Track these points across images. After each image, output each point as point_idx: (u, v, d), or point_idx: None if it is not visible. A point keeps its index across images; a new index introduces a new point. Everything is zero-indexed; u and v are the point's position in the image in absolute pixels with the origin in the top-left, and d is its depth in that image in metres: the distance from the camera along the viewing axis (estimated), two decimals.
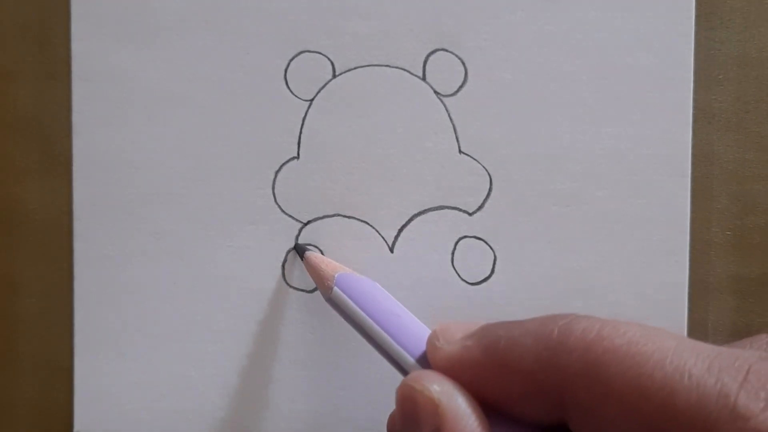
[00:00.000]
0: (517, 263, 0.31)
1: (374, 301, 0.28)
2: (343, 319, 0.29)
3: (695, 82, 0.31)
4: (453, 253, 0.32)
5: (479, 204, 0.32)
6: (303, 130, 0.32)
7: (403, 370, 0.27)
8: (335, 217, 0.32)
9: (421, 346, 0.26)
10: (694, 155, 0.31)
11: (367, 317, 0.28)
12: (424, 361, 0.26)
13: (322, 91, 0.32)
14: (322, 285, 0.29)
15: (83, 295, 0.32)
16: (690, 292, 0.31)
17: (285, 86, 0.32)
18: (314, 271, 0.30)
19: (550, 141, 0.31)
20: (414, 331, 0.27)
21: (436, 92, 0.32)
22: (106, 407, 0.32)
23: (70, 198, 0.32)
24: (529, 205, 0.31)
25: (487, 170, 0.31)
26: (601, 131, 0.31)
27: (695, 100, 0.31)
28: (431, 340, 0.25)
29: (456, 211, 0.32)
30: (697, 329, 0.32)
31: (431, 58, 0.31)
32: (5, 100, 0.33)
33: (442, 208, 0.32)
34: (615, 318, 0.31)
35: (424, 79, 0.32)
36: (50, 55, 0.33)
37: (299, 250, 0.32)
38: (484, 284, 0.32)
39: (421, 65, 0.32)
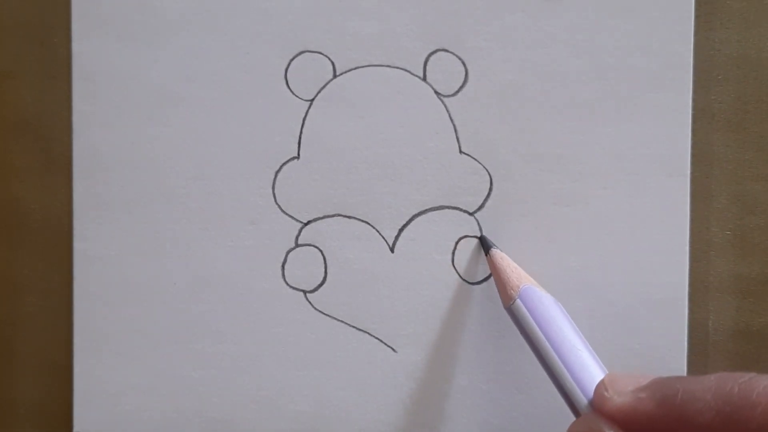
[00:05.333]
0: (518, 263, 0.31)
1: (557, 327, 0.28)
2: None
3: (695, 82, 0.31)
4: (453, 253, 0.32)
5: (480, 204, 0.32)
6: (303, 130, 0.32)
7: (572, 406, 0.27)
8: (336, 217, 0.32)
9: (592, 387, 0.27)
10: (693, 155, 0.31)
11: (547, 343, 0.28)
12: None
13: (322, 91, 0.32)
14: (503, 291, 0.30)
15: (83, 295, 0.32)
16: (690, 291, 0.31)
17: (285, 86, 0.32)
18: (498, 274, 0.30)
19: (550, 141, 0.31)
20: (590, 370, 0.27)
21: (436, 92, 0.32)
22: (106, 407, 0.32)
23: (70, 198, 0.32)
24: (529, 205, 0.31)
25: (487, 170, 0.32)
26: (601, 131, 0.31)
27: (695, 100, 0.31)
28: (599, 391, 0.26)
29: (456, 211, 0.32)
30: (698, 329, 0.32)
31: (432, 58, 0.31)
32: (5, 100, 0.33)
33: (442, 208, 0.32)
34: (615, 316, 0.31)
35: (424, 79, 0.32)
36: (50, 55, 0.33)
37: (484, 244, 0.31)
38: (484, 284, 0.32)
39: (422, 65, 0.32)
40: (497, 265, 0.30)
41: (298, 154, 0.32)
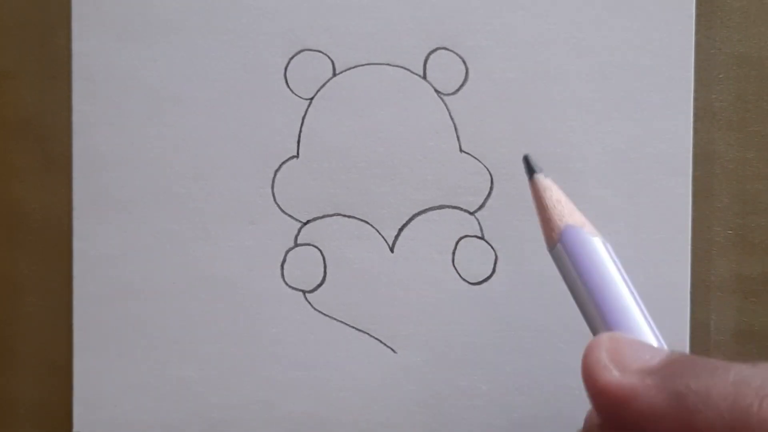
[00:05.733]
0: (518, 263, 0.31)
1: (602, 279, 0.23)
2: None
3: (696, 81, 0.31)
4: (453, 253, 0.32)
5: (480, 203, 0.32)
6: (303, 129, 0.32)
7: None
8: (335, 217, 0.32)
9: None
10: (694, 154, 0.31)
11: (590, 298, 0.23)
12: None
13: (322, 90, 0.32)
14: (546, 228, 0.25)
15: (83, 295, 0.32)
16: (692, 291, 0.31)
17: (285, 85, 0.32)
18: (541, 208, 0.25)
19: (550, 140, 0.31)
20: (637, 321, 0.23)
21: (436, 91, 0.32)
22: (106, 407, 0.32)
23: (70, 198, 0.32)
24: (530, 204, 0.31)
25: (488, 169, 0.31)
26: (602, 131, 0.31)
27: (696, 99, 0.31)
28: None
29: (457, 211, 0.32)
30: (700, 329, 0.31)
31: (432, 56, 0.31)
32: (5, 99, 0.33)
33: (442, 208, 0.32)
34: None
35: (424, 77, 0.32)
36: (51, 55, 0.33)
37: (529, 165, 0.26)
38: (484, 284, 0.32)
39: (422, 64, 0.31)
40: (540, 197, 0.25)
41: (298, 153, 0.32)
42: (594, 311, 0.23)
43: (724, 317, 0.32)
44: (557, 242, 0.24)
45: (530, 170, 0.26)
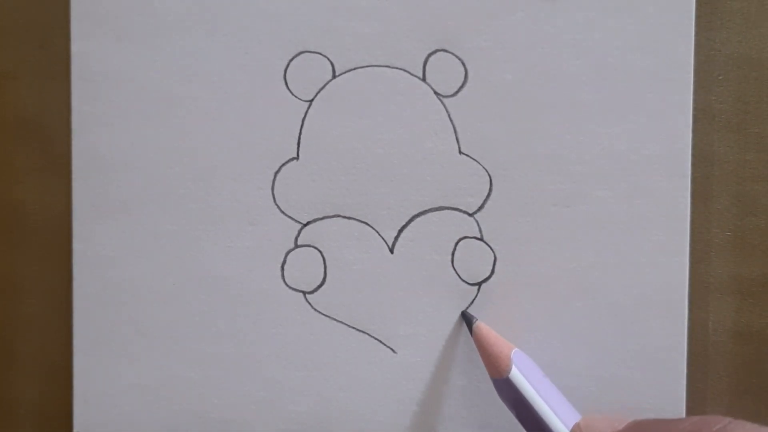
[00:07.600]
0: (517, 263, 0.31)
1: (540, 380, 0.29)
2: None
3: (695, 82, 0.31)
4: (453, 254, 0.32)
5: (479, 204, 0.32)
6: (303, 131, 0.32)
7: None
8: (335, 218, 0.32)
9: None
10: (694, 156, 0.31)
11: (541, 399, 0.29)
12: None
13: (321, 92, 0.32)
14: (496, 363, 0.30)
15: (83, 295, 0.32)
16: (690, 292, 0.31)
17: (285, 86, 0.32)
18: (487, 347, 0.30)
19: (550, 141, 0.31)
20: (567, 413, 0.29)
21: (436, 93, 0.32)
22: (106, 408, 0.32)
23: (70, 198, 0.32)
24: (529, 205, 0.31)
25: (487, 171, 0.31)
26: (601, 131, 0.31)
27: (695, 101, 0.31)
28: None
29: (456, 212, 0.32)
30: (698, 330, 0.32)
31: (431, 58, 0.31)
32: (5, 100, 0.33)
33: (442, 209, 0.32)
34: (615, 317, 0.31)
35: (424, 79, 0.32)
36: (50, 55, 0.33)
37: (467, 319, 0.31)
38: (484, 284, 0.32)
39: (421, 66, 0.31)
40: (484, 339, 0.30)
41: (298, 155, 0.32)
42: (546, 412, 0.28)
43: (722, 318, 0.32)
44: (511, 367, 0.29)
45: (469, 321, 0.31)
